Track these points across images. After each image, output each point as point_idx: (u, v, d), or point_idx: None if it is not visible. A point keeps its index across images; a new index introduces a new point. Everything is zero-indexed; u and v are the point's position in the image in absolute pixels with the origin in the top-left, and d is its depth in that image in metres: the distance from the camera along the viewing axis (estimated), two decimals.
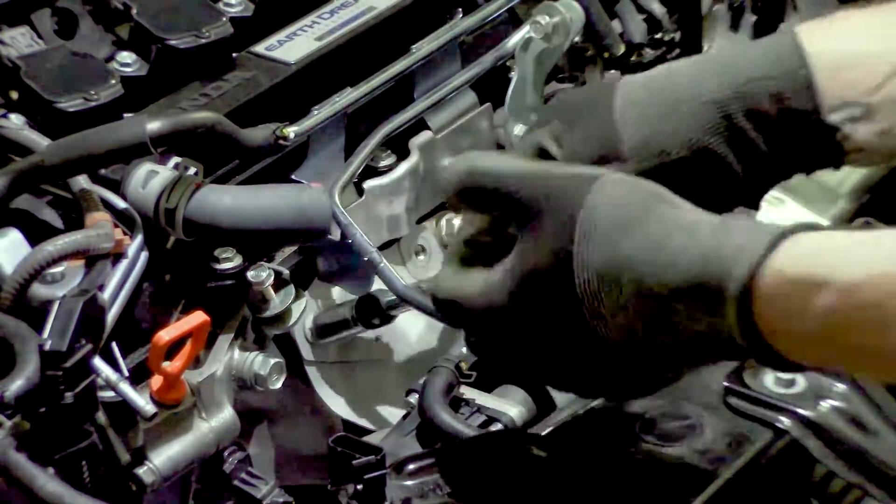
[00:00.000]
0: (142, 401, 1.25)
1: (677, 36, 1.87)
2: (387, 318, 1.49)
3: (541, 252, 1.15)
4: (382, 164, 1.62)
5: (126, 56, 1.54)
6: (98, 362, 1.23)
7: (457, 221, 1.70)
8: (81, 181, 1.38)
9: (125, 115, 1.48)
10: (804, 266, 1.07)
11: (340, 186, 1.53)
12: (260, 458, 1.51)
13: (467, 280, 1.22)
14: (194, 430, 1.36)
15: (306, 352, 1.56)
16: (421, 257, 1.68)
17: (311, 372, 1.56)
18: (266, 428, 1.55)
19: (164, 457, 1.33)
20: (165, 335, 1.26)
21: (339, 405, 1.58)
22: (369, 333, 1.60)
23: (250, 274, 1.41)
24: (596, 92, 1.34)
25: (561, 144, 1.27)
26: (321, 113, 1.55)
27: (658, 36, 1.86)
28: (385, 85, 1.62)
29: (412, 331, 1.61)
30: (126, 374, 1.28)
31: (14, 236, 1.34)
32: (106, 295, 1.29)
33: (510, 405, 1.40)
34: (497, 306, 1.18)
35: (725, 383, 1.29)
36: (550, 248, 1.14)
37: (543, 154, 1.28)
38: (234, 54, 1.60)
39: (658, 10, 1.86)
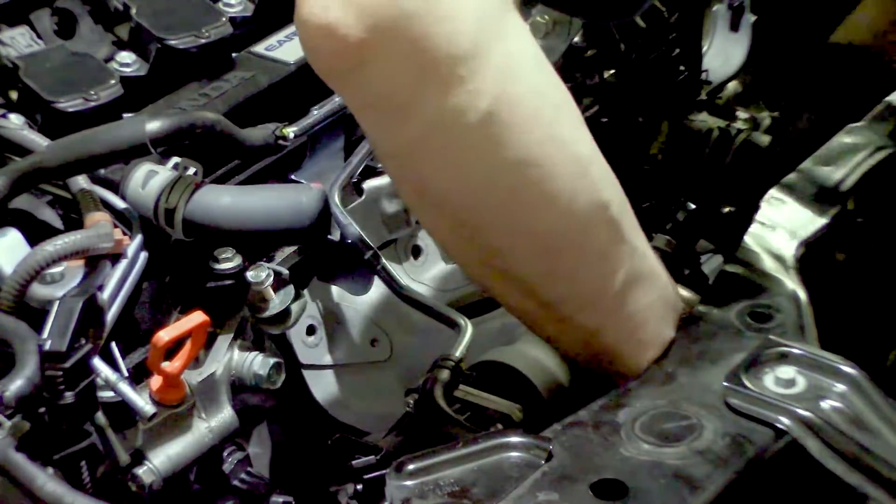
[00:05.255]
0: (141, 401, 1.25)
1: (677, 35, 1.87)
2: None
3: None
4: None
5: (126, 56, 1.54)
6: (98, 362, 1.23)
7: None
8: (81, 181, 1.38)
9: (125, 115, 1.48)
10: None
11: (340, 186, 1.53)
12: (260, 458, 1.51)
13: None
14: (194, 430, 1.36)
15: (303, 355, 1.56)
16: (420, 258, 1.68)
17: (309, 375, 1.56)
18: (266, 428, 1.55)
19: (164, 457, 1.33)
20: (165, 335, 1.26)
21: (336, 409, 1.58)
22: (368, 336, 1.60)
23: (250, 274, 1.41)
24: None
25: None
26: (321, 113, 1.55)
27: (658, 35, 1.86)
28: None
29: (412, 332, 1.61)
30: (126, 374, 1.28)
31: (14, 236, 1.34)
32: (106, 295, 1.29)
33: (510, 405, 1.40)
34: None
35: (725, 383, 1.29)
36: None
37: None
38: (233, 54, 1.60)
39: (658, 9, 1.86)
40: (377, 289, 1.54)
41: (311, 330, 1.57)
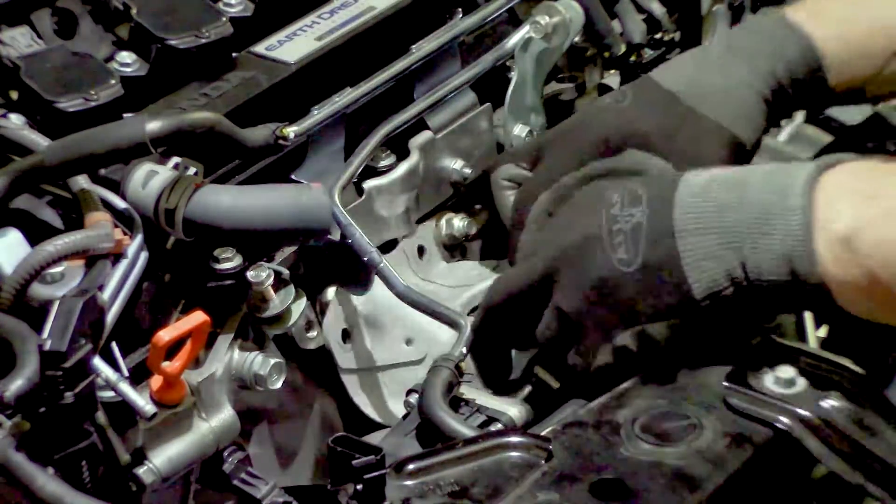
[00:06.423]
0: (142, 401, 1.25)
1: (677, 36, 1.87)
2: None
3: None
4: (382, 164, 1.62)
5: (126, 56, 1.54)
6: (98, 362, 1.23)
7: (457, 221, 1.70)
8: (81, 181, 1.39)
9: (125, 115, 1.48)
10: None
11: (340, 186, 1.53)
12: (260, 458, 1.51)
13: None
14: (194, 430, 1.36)
15: (341, 359, 1.55)
16: (424, 257, 1.68)
17: (346, 378, 1.56)
18: (266, 428, 1.55)
19: (164, 457, 1.33)
20: (165, 335, 1.26)
21: (374, 410, 1.58)
22: (402, 336, 1.59)
23: (250, 274, 1.41)
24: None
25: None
26: (321, 113, 1.55)
27: (658, 36, 1.86)
28: (385, 85, 1.62)
29: (442, 333, 1.59)
30: (126, 374, 1.28)
31: (14, 236, 1.34)
32: (106, 295, 1.29)
33: (510, 405, 1.39)
34: None
35: (725, 383, 1.29)
36: None
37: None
38: (234, 54, 1.60)
39: (658, 10, 1.86)
40: None
41: (345, 334, 1.56)
